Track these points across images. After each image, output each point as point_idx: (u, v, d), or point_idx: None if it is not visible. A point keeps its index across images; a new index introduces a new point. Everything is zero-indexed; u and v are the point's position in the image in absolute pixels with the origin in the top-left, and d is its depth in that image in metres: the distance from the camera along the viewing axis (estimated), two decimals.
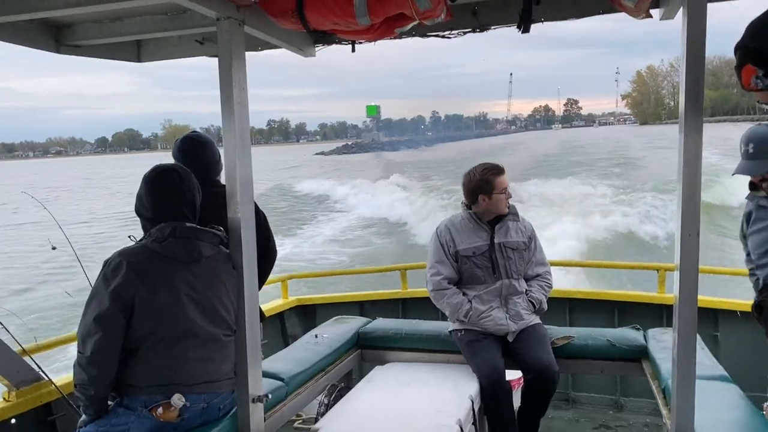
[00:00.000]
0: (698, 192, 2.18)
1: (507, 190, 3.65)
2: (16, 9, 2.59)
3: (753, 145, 2.69)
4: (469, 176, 3.70)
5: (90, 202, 41.95)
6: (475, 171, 3.69)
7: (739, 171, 2.74)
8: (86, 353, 2.23)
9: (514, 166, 44.35)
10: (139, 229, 2.56)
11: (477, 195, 3.64)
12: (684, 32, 2.13)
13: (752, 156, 2.69)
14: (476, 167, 3.72)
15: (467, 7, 2.88)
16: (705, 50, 2.12)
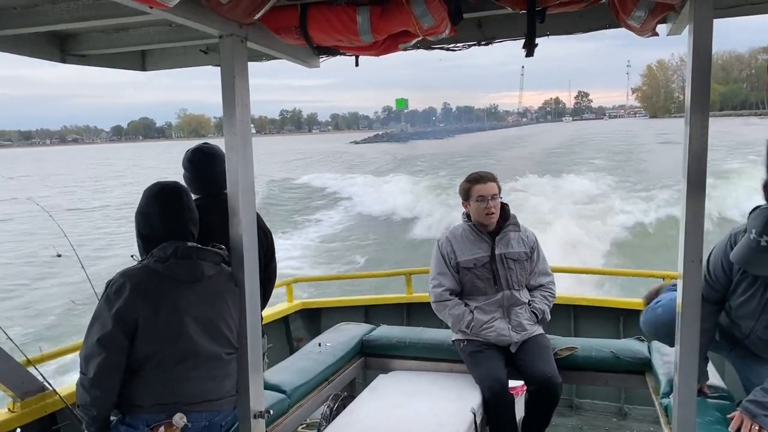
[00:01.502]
0: (702, 213, 2.15)
1: (488, 199, 3.60)
2: (23, 22, 2.61)
3: None
4: (462, 182, 3.74)
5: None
6: (466, 177, 3.72)
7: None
8: (89, 375, 2.24)
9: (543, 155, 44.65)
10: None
11: (462, 201, 3.71)
12: (690, 48, 2.11)
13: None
14: (469, 174, 3.74)
15: (472, 21, 2.86)
16: (711, 63, 2.11)
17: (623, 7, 2.21)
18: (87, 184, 48.86)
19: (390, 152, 66.31)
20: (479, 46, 3.01)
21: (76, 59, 3.20)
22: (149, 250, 2.43)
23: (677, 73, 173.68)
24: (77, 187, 45.80)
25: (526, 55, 2.49)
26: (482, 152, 57.52)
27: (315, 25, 2.45)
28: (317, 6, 2.42)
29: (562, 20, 2.70)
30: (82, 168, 74.14)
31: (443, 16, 2.38)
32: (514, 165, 39.49)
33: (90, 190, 44.43)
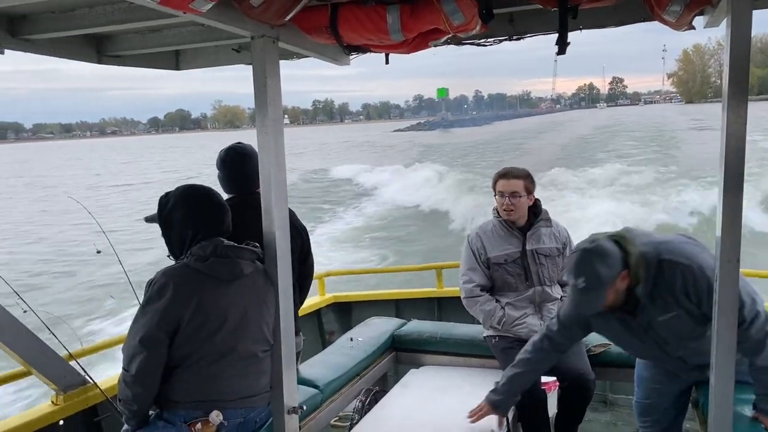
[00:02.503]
0: (740, 205, 2.10)
1: (506, 196, 3.58)
2: (61, 26, 2.68)
3: (583, 279, 2.56)
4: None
5: None
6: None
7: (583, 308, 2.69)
8: (131, 372, 2.29)
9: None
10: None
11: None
12: (728, 40, 2.07)
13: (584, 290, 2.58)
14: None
15: (503, 16, 2.83)
16: (749, 55, 2.07)
17: (658, 1, 2.17)
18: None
19: (441, 140, 67.73)
20: (510, 41, 2.98)
21: (112, 60, 3.27)
22: (182, 251, 2.48)
23: (714, 58, 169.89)
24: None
25: (557, 53, 2.45)
26: (530, 137, 59.99)
27: (345, 25, 2.46)
28: (347, 6, 2.42)
29: (595, 14, 2.66)
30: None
31: (474, 13, 2.36)
32: (556, 151, 39.55)
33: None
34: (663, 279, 2.55)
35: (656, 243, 2.60)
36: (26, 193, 40.53)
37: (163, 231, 2.54)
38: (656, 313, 2.61)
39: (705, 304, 2.51)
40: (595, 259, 2.49)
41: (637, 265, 2.52)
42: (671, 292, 2.55)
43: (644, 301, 2.58)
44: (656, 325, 2.65)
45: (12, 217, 29.87)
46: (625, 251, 2.52)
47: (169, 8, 1.86)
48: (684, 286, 2.52)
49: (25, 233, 24.94)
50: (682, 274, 2.51)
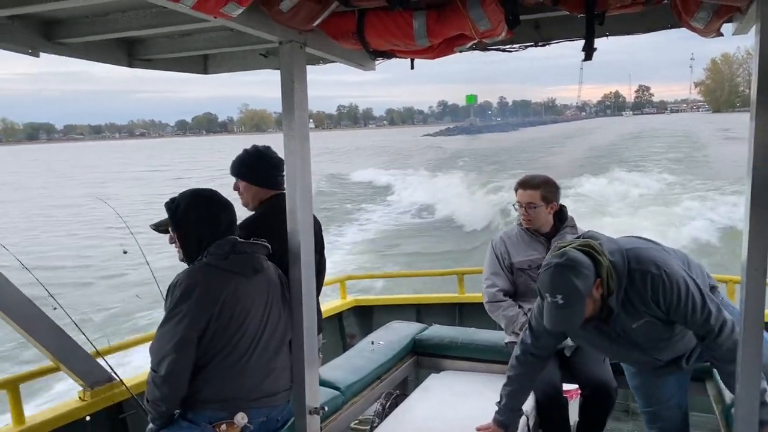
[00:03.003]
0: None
1: (523, 206, 3.56)
2: (95, 30, 2.75)
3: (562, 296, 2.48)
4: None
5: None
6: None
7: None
8: (160, 373, 2.32)
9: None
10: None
11: None
12: (757, 49, 2.04)
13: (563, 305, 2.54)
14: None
15: (529, 22, 2.83)
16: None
17: (686, 8, 2.16)
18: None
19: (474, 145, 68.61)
20: (536, 47, 2.98)
21: (142, 63, 3.34)
22: (198, 253, 2.50)
23: (743, 67, 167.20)
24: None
25: (584, 59, 2.45)
26: (558, 143, 61.52)
27: (372, 30, 2.48)
28: (374, 11, 2.45)
29: (621, 21, 2.65)
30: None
31: (500, 19, 2.37)
32: (583, 157, 39.31)
33: None
34: (633, 288, 2.53)
35: (623, 251, 2.57)
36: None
37: (177, 235, 2.55)
38: (629, 321, 2.60)
39: (673, 312, 2.52)
40: (570, 274, 2.42)
41: (608, 275, 2.49)
42: (642, 300, 2.53)
43: (616, 310, 2.56)
44: (630, 332, 2.64)
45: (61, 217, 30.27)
46: (595, 261, 2.48)
47: (201, 13, 1.90)
48: (654, 295, 2.50)
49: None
50: (652, 283, 2.49)
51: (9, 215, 30.60)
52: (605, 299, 2.52)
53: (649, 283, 2.50)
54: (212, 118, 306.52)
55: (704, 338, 2.59)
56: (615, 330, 2.65)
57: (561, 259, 2.46)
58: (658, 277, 2.49)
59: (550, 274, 2.46)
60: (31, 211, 32.09)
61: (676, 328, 2.64)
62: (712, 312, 2.50)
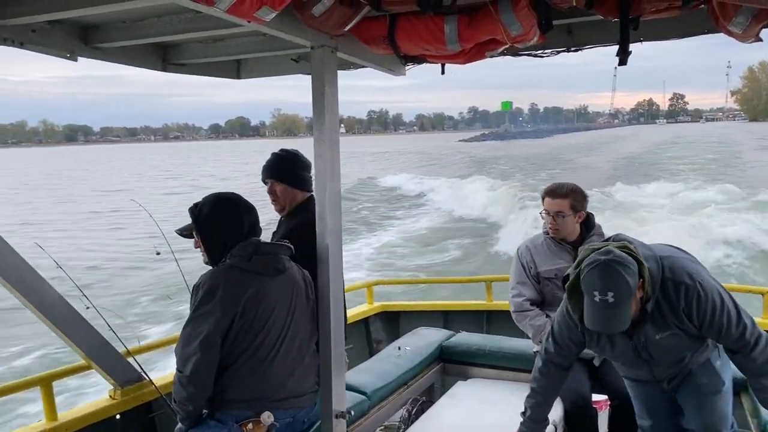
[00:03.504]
0: None
1: (551, 215, 3.49)
2: (130, 35, 2.80)
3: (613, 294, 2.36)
4: None
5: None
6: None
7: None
8: (186, 373, 2.36)
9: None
10: None
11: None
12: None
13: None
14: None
15: (562, 27, 2.81)
16: None
17: (723, 12, 2.12)
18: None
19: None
20: (568, 52, 2.95)
21: (176, 68, 3.39)
22: (222, 256, 2.53)
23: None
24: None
25: (619, 64, 2.42)
26: (592, 150, 62.03)
27: (403, 35, 2.49)
28: (406, 16, 2.46)
29: (657, 26, 2.61)
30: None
31: (532, 24, 2.36)
32: (617, 165, 39.08)
33: None
34: (666, 297, 2.45)
35: (657, 257, 2.48)
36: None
37: (201, 239, 2.58)
38: (653, 332, 2.53)
39: (707, 326, 2.45)
40: (620, 269, 2.29)
41: (649, 280, 2.40)
42: (674, 312, 2.46)
43: (648, 317, 2.48)
44: (651, 344, 2.57)
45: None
46: (636, 260, 2.38)
47: (236, 17, 1.92)
48: (687, 307, 2.42)
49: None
50: (686, 295, 2.41)
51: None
52: (644, 304, 2.44)
53: (682, 295, 2.42)
54: (245, 122, 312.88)
55: (737, 352, 2.52)
56: (640, 340, 2.59)
57: (608, 256, 2.33)
58: (692, 288, 2.42)
59: (598, 272, 2.32)
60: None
61: (699, 344, 2.58)
62: (747, 326, 2.43)
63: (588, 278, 2.35)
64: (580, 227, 3.57)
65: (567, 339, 2.73)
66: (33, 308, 2.82)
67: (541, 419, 2.89)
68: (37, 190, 46.91)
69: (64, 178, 59.97)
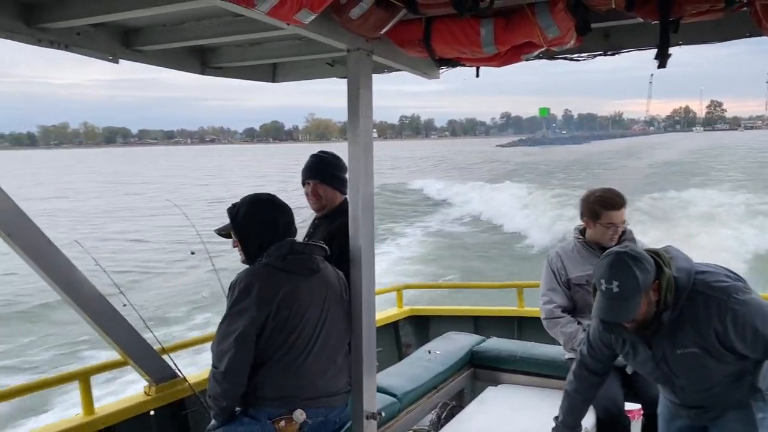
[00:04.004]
0: None
1: (615, 226, 3.42)
2: (171, 38, 2.87)
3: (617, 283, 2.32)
4: (587, 195, 3.56)
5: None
6: (594, 192, 3.53)
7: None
8: (221, 369, 2.40)
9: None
10: None
11: (584, 216, 3.52)
12: None
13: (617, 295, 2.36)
14: (597, 190, 3.55)
15: (599, 31, 2.78)
16: None
17: (767, 15, 2.07)
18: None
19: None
20: (605, 56, 2.93)
21: (213, 71, 3.45)
22: (258, 256, 2.56)
23: None
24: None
25: (658, 66, 2.38)
26: (632, 156, 62.71)
27: (438, 38, 2.50)
28: (441, 19, 2.46)
29: (696, 29, 2.57)
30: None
31: (569, 27, 2.34)
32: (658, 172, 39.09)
33: None
34: (692, 311, 2.35)
35: (692, 271, 2.39)
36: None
37: (238, 239, 2.63)
38: (673, 345, 2.43)
39: (750, 344, 2.30)
40: (630, 262, 2.28)
41: (668, 287, 2.33)
42: (696, 326, 2.35)
43: (665, 329, 2.39)
44: (670, 358, 2.48)
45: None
46: (658, 265, 2.34)
47: (275, 19, 1.94)
48: (721, 324, 2.29)
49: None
50: (719, 310, 2.30)
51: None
52: (660, 311, 2.36)
53: (714, 310, 2.31)
54: (279, 126, 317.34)
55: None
56: (659, 351, 2.51)
57: (623, 249, 2.36)
58: (725, 304, 2.29)
59: (608, 261, 2.33)
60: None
61: (730, 375, 2.44)
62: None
63: (598, 267, 2.38)
64: None
65: (599, 341, 2.70)
66: (74, 304, 2.89)
67: (574, 425, 2.85)
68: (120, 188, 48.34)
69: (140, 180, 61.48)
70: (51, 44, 2.59)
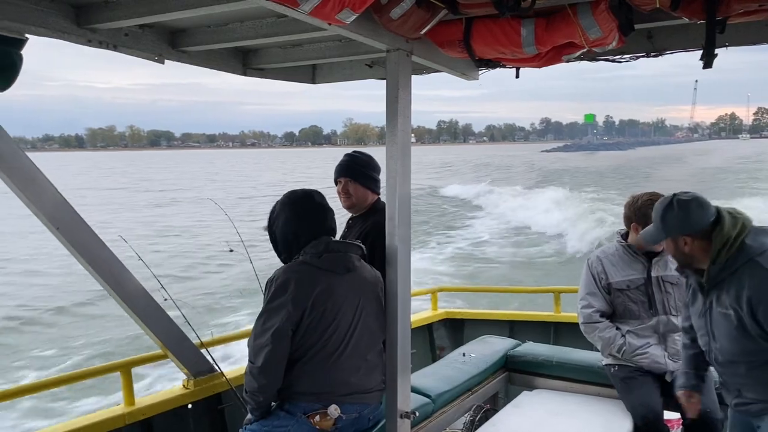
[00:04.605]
0: None
1: None
2: (214, 39, 2.93)
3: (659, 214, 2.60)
4: (633, 201, 3.48)
5: None
6: (640, 197, 3.46)
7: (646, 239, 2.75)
8: (257, 364, 2.44)
9: None
10: None
11: (631, 222, 3.45)
12: None
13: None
14: (643, 194, 3.48)
15: (642, 32, 2.74)
16: None
17: None
18: None
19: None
20: (648, 58, 2.88)
21: (255, 72, 3.51)
22: (289, 254, 2.60)
23: None
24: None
25: (703, 67, 2.34)
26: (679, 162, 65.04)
27: (479, 38, 2.50)
28: (482, 19, 2.46)
29: (743, 30, 2.52)
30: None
31: (611, 27, 2.32)
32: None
33: None
34: (743, 276, 2.40)
35: (765, 247, 2.42)
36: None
37: (277, 235, 2.67)
38: (717, 303, 2.51)
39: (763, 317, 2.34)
40: (675, 206, 2.51)
41: (724, 245, 2.43)
42: (739, 290, 2.40)
43: (712, 281, 2.50)
44: (713, 314, 2.54)
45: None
46: (718, 224, 2.45)
47: (318, 19, 1.96)
48: (755, 288, 2.35)
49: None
50: (759, 279, 2.35)
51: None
52: (711, 263, 2.48)
53: (757, 275, 2.36)
54: (317, 130, 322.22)
55: None
56: (708, 301, 2.58)
57: (685, 195, 2.55)
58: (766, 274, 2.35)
59: (669, 196, 2.59)
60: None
61: (756, 354, 2.44)
62: None
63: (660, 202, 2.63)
64: None
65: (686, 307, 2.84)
66: (118, 298, 2.97)
67: (697, 369, 2.92)
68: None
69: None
70: (100, 44, 2.68)
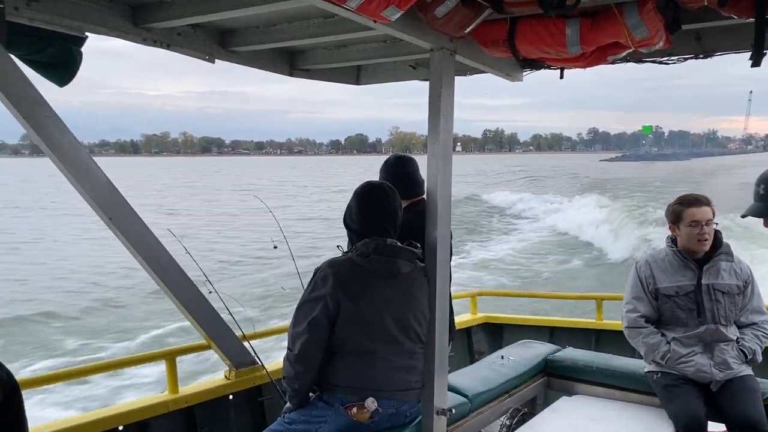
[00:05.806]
0: None
1: (702, 224, 3.28)
2: (262, 39, 3.02)
3: (764, 186, 2.71)
4: (670, 204, 3.47)
5: None
6: (675, 199, 3.46)
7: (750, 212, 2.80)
8: (294, 351, 2.50)
9: None
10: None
11: (670, 224, 3.42)
12: None
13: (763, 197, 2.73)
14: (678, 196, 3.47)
15: (690, 32, 2.71)
16: None
17: None
18: None
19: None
20: (696, 59, 2.84)
21: (301, 73, 3.60)
22: (354, 242, 2.65)
23: None
24: None
25: (752, 66, 2.30)
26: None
27: (523, 38, 2.51)
28: (526, 19, 2.47)
29: None
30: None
31: (658, 27, 2.30)
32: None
33: None
34: None
35: None
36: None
37: (344, 225, 2.74)
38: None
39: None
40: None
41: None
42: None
43: None
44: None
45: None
46: None
47: (363, 15, 2.01)
48: None
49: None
50: None
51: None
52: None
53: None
54: (363, 138, 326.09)
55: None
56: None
57: None
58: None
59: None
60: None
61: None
62: None
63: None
64: None
65: None
66: (166, 289, 3.07)
67: None
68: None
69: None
70: (154, 43, 2.79)
